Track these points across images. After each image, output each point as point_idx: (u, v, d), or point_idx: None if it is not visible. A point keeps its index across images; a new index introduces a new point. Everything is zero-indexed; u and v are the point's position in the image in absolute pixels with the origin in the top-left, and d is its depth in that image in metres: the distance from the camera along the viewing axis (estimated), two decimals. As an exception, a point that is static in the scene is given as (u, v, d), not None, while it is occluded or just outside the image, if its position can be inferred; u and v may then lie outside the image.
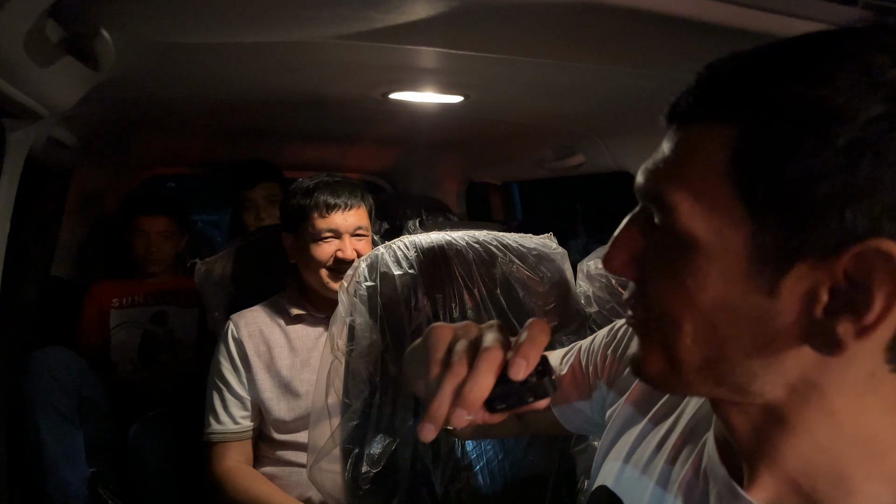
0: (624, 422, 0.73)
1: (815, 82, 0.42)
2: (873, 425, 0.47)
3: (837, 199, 0.41)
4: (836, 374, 0.46)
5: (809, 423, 0.48)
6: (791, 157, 0.42)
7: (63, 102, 1.17)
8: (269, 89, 1.52)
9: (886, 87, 0.41)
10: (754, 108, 0.44)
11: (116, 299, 2.43)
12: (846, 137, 0.41)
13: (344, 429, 1.16)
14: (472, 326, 0.63)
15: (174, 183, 5.66)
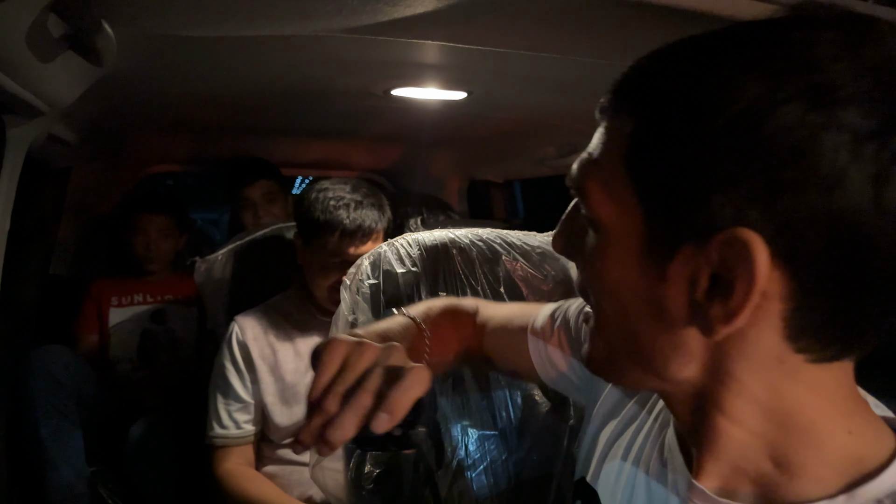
0: (605, 413, 0.74)
1: (692, 76, 0.45)
2: (806, 412, 0.49)
3: (706, 187, 0.43)
4: (742, 358, 0.48)
5: (737, 410, 0.50)
6: (669, 146, 0.45)
7: (64, 98, 1.16)
8: (270, 85, 1.51)
9: (758, 82, 0.42)
10: (645, 101, 0.47)
11: (115, 297, 2.42)
12: (713, 128, 0.43)
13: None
14: (367, 353, 0.62)
15: (172, 181, 5.64)
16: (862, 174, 0.40)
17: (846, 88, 0.41)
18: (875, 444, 0.49)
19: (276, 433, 1.64)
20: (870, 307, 0.44)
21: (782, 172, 0.41)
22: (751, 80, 0.42)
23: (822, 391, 0.48)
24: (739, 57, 0.44)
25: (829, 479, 0.48)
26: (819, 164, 0.41)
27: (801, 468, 0.49)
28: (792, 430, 0.49)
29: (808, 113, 0.41)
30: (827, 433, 0.49)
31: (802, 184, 0.41)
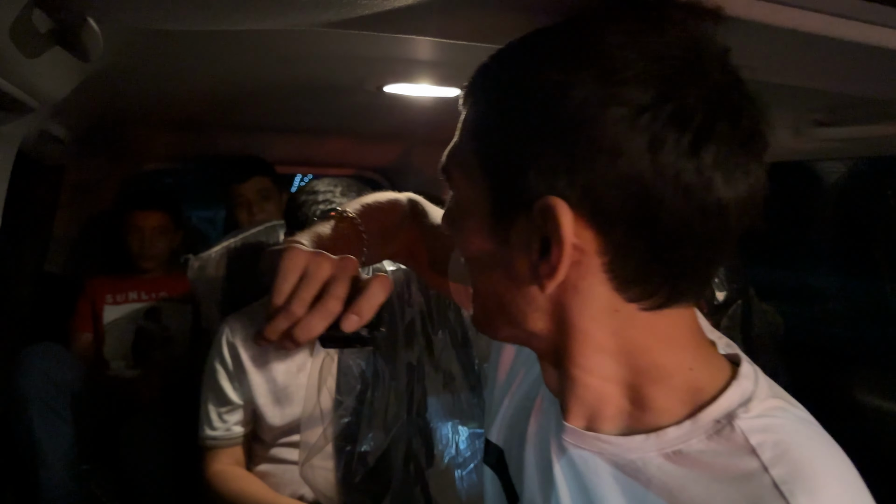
0: (505, 375, 0.82)
1: (510, 71, 0.55)
2: (649, 355, 0.56)
3: (523, 163, 0.51)
4: (581, 310, 0.55)
5: (587, 359, 0.57)
6: (497, 130, 0.54)
7: (54, 94, 1.15)
8: (262, 81, 1.50)
9: (554, 72, 0.50)
10: (482, 94, 0.57)
11: (110, 295, 2.42)
12: (524, 114, 0.52)
13: (336, 425, 1.15)
14: (325, 263, 0.67)
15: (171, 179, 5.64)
16: (640, 142, 0.47)
17: (627, 71, 0.48)
18: (714, 376, 0.57)
19: (269, 433, 1.64)
20: (675, 257, 0.51)
21: (576, 146, 0.49)
22: (550, 71, 0.50)
23: (662, 335, 0.56)
24: (544, 53, 0.53)
25: (676, 408, 0.56)
26: (604, 136, 0.48)
27: (651, 402, 0.56)
28: (639, 371, 0.56)
29: (593, 93, 0.48)
30: (669, 371, 0.56)
31: (593, 154, 0.48)
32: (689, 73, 0.49)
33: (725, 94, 0.50)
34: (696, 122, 0.47)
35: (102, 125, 2.06)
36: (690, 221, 0.49)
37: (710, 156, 0.48)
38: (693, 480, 0.52)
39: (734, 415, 0.54)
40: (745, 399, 0.55)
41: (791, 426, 0.54)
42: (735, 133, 0.49)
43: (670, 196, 0.48)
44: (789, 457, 0.51)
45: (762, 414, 0.54)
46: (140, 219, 2.42)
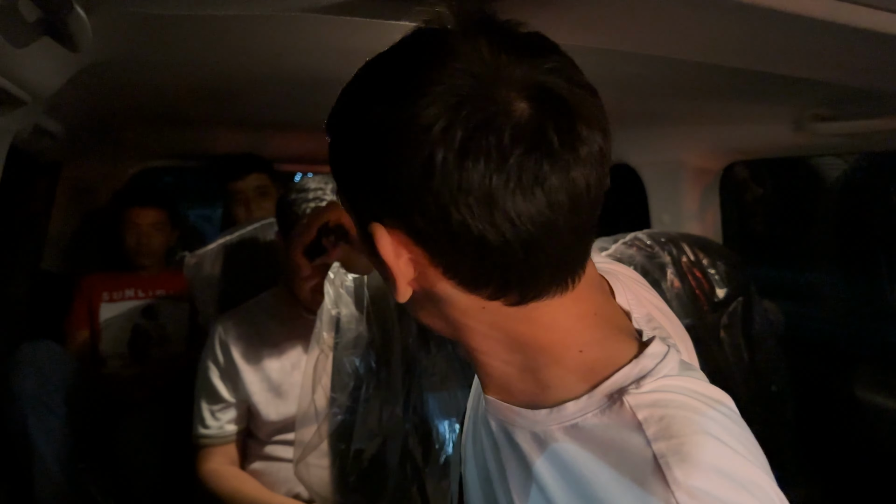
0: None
1: (337, 110, 0.60)
2: (536, 341, 0.61)
3: (354, 194, 0.59)
4: (454, 310, 0.61)
5: (482, 345, 0.63)
6: (341, 157, 0.59)
7: (45, 87, 1.14)
8: (257, 75, 1.48)
9: (362, 108, 0.56)
10: (327, 129, 0.61)
11: (106, 293, 2.41)
12: (345, 149, 0.58)
13: (331, 423, 1.14)
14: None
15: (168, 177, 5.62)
16: (419, 166, 0.51)
17: (415, 94, 0.52)
18: (610, 356, 0.60)
19: (263, 429, 1.63)
20: (497, 262, 0.55)
21: (382, 176, 0.54)
22: (358, 109, 0.57)
23: (541, 324, 0.60)
24: (357, 91, 0.59)
25: (573, 386, 0.60)
26: (397, 162, 0.53)
27: (549, 380, 0.61)
28: (532, 355, 0.61)
29: (389, 128, 0.53)
30: (559, 353, 0.61)
31: (393, 182, 0.53)
32: (468, 92, 0.51)
33: (504, 102, 0.51)
34: (458, 140, 0.50)
35: (98, 121, 2.05)
36: (484, 233, 0.52)
37: (478, 172, 0.51)
38: (585, 455, 0.56)
39: (625, 390, 0.57)
40: (640, 376, 0.58)
41: (681, 401, 0.56)
42: (514, 141, 0.51)
43: (456, 211, 0.52)
44: (671, 431, 0.53)
45: (654, 389, 0.57)
46: (137, 215, 2.42)
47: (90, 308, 2.38)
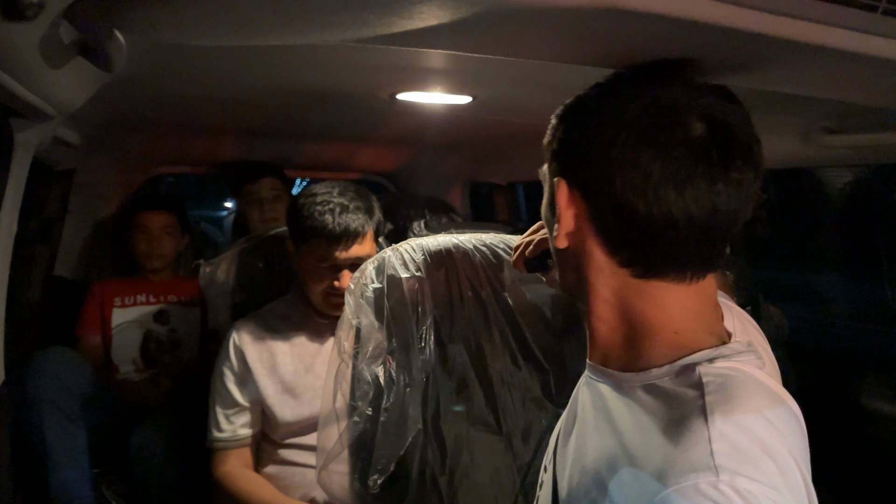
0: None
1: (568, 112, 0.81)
2: (640, 315, 0.74)
3: (557, 152, 0.78)
4: (590, 268, 0.75)
5: (598, 309, 0.76)
6: (557, 131, 0.80)
7: (72, 103, 1.17)
8: (275, 89, 1.51)
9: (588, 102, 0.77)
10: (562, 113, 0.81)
11: (118, 298, 2.43)
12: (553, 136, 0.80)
13: (351, 432, 1.16)
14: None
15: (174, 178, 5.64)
16: (604, 140, 0.69)
17: (621, 115, 0.69)
18: (696, 342, 0.72)
19: (278, 432, 1.66)
20: (632, 235, 0.70)
21: (574, 146, 0.75)
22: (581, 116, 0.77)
23: (652, 301, 0.73)
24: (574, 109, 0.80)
25: (660, 357, 0.72)
26: (597, 143, 0.71)
27: (642, 350, 0.74)
28: (633, 326, 0.74)
29: (597, 129, 0.71)
30: (658, 330, 0.73)
31: (581, 152, 0.73)
32: (664, 112, 0.68)
33: (690, 125, 0.67)
34: (640, 128, 0.68)
35: (114, 131, 2.07)
36: (634, 203, 0.68)
37: (646, 155, 0.67)
38: (652, 402, 0.69)
39: (700, 363, 0.69)
40: (716, 357, 0.70)
41: (744, 379, 0.68)
42: (670, 145, 0.67)
43: (620, 179, 0.68)
44: (725, 392, 0.65)
45: (724, 367, 0.69)
46: (147, 219, 2.44)
47: (102, 314, 2.40)
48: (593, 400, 0.80)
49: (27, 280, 2.29)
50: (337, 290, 1.59)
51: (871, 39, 0.69)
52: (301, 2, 0.53)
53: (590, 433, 0.78)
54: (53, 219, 2.44)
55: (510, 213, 3.12)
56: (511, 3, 0.56)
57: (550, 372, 1.36)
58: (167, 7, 0.59)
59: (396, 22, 0.57)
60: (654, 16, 0.60)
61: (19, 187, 1.34)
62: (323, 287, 1.61)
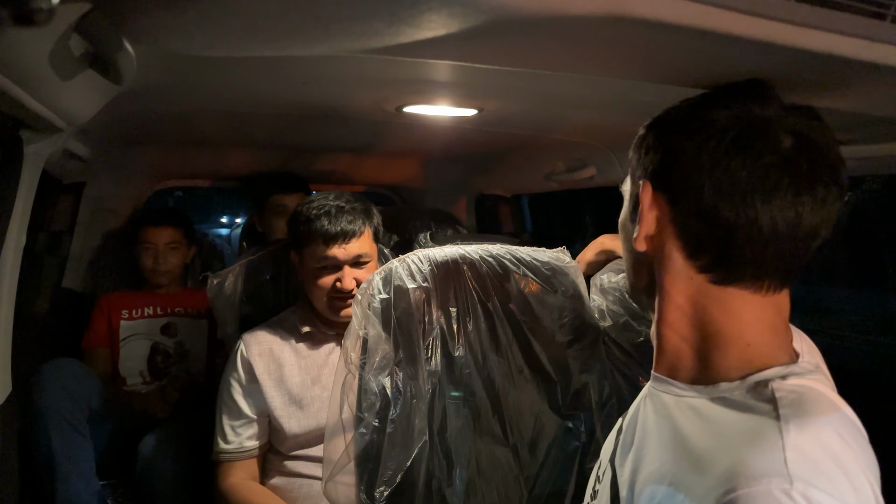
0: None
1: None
2: (714, 324, 0.74)
3: (643, 156, 0.80)
4: (666, 273, 0.77)
5: (670, 316, 0.78)
6: (648, 136, 0.81)
7: (82, 115, 1.17)
8: (282, 102, 1.52)
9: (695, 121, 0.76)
10: (652, 138, 0.81)
11: (126, 311, 2.44)
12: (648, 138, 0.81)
13: (358, 443, 1.16)
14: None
15: (182, 192, 5.67)
16: (693, 146, 0.72)
17: (709, 127, 0.72)
18: (767, 357, 0.73)
19: (285, 444, 1.65)
20: (718, 234, 0.71)
21: (662, 151, 0.77)
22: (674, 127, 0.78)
23: (727, 311, 0.74)
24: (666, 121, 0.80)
25: (731, 371, 0.73)
26: (685, 151, 0.73)
27: (712, 362, 0.74)
28: (705, 336, 0.75)
29: (686, 138, 0.74)
30: (730, 341, 0.74)
31: (670, 156, 0.75)
32: (756, 124, 0.71)
33: (780, 139, 0.70)
34: (730, 137, 0.70)
35: (123, 143, 2.08)
36: (720, 206, 0.70)
37: (736, 161, 0.69)
38: (724, 413, 0.70)
39: (773, 380, 0.69)
40: (788, 374, 0.70)
41: (816, 396, 0.68)
42: (777, 163, 0.69)
43: (709, 183, 0.70)
44: (799, 407, 0.65)
45: (796, 384, 0.69)
46: (153, 235, 2.45)
47: (110, 326, 2.41)
48: (656, 409, 0.80)
49: (36, 292, 2.30)
50: (341, 293, 1.61)
51: (880, 47, 0.69)
52: (310, 11, 0.54)
53: (652, 441, 0.79)
54: (62, 231, 2.45)
55: (515, 225, 3.11)
56: (519, 12, 0.56)
57: (557, 383, 1.35)
58: (177, 17, 0.59)
59: (404, 31, 0.57)
60: (664, 24, 0.60)
61: (28, 199, 1.35)
62: (327, 290, 1.62)
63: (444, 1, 0.52)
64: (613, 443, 0.91)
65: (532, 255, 1.44)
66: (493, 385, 1.29)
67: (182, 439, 1.94)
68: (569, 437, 1.33)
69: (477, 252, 1.38)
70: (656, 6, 0.58)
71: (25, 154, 1.25)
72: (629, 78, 0.88)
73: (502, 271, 1.37)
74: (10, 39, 0.71)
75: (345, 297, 1.61)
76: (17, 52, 0.78)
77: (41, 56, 0.78)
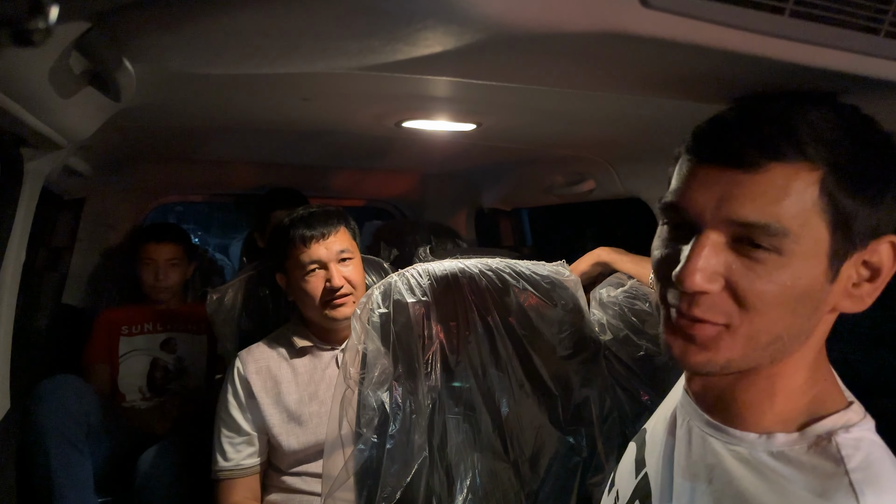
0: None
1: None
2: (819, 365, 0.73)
3: (872, 216, 0.67)
4: (825, 326, 0.72)
5: (791, 367, 0.71)
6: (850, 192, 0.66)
7: (82, 132, 1.18)
8: (282, 118, 1.53)
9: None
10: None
11: (126, 326, 2.43)
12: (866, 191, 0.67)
13: (357, 459, 1.15)
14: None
15: (182, 207, 5.68)
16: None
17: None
18: (824, 402, 0.70)
19: (284, 460, 1.65)
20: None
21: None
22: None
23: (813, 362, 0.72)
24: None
25: (787, 420, 0.70)
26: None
27: (771, 409, 0.71)
28: (749, 387, 0.72)
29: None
30: (795, 386, 0.71)
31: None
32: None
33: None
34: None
35: (123, 160, 2.09)
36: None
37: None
38: (791, 473, 0.66)
39: (835, 432, 0.66)
40: (849, 424, 0.68)
41: (879, 450, 0.66)
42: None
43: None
44: (870, 469, 0.63)
45: (859, 436, 0.66)
46: (153, 251, 2.45)
47: (109, 342, 2.41)
48: (705, 455, 0.75)
49: (35, 308, 2.30)
50: (333, 293, 1.62)
51: (874, 62, 0.69)
52: (307, 30, 0.54)
53: (704, 495, 0.74)
54: (63, 247, 2.45)
55: (515, 238, 3.12)
56: (514, 30, 0.57)
57: (558, 397, 1.35)
58: (175, 36, 0.60)
59: (401, 49, 0.58)
60: (658, 41, 0.60)
61: (28, 216, 1.35)
62: (319, 295, 1.63)
63: (440, 19, 0.52)
64: (634, 475, 0.87)
65: (531, 269, 1.44)
66: (493, 400, 1.28)
67: (181, 456, 1.93)
68: (570, 453, 1.33)
69: (476, 266, 1.38)
70: (650, 23, 0.59)
71: (26, 171, 1.26)
72: (625, 93, 0.88)
73: (502, 285, 1.37)
74: (10, 58, 0.72)
75: (339, 297, 1.62)
76: (18, 70, 0.78)
77: (41, 74, 0.79)
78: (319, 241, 1.63)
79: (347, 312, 1.61)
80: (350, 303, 1.63)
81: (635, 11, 0.58)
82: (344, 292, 1.62)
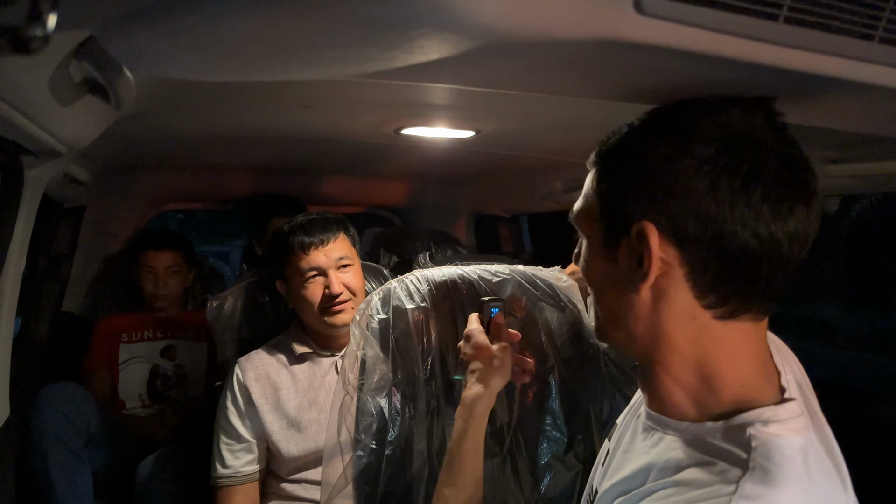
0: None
1: (624, 143, 0.76)
2: (712, 366, 0.72)
3: (626, 198, 0.72)
4: (668, 314, 0.71)
5: (668, 361, 0.74)
6: (611, 181, 0.76)
7: (82, 140, 1.19)
8: (281, 126, 1.54)
9: (652, 139, 0.71)
10: (606, 158, 0.79)
11: (126, 334, 2.43)
12: (628, 170, 0.73)
13: (356, 466, 1.15)
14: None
15: (183, 215, 5.69)
16: (703, 183, 0.66)
17: (696, 135, 0.68)
18: (755, 398, 0.71)
19: (283, 467, 1.65)
20: (741, 271, 0.68)
21: (659, 187, 0.68)
22: (647, 139, 0.72)
23: (726, 349, 0.72)
24: (643, 129, 0.75)
25: (718, 412, 0.71)
26: (678, 179, 0.67)
27: (703, 405, 0.73)
28: (701, 379, 0.73)
29: (671, 151, 0.68)
30: (724, 383, 0.72)
31: (672, 192, 0.68)
32: (743, 138, 0.68)
33: (771, 152, 0.68)
34: (743, 170, 0.66)
35: (123, 168, 2.10)
36: (747, 244, 0.66)
37: (757, 194, 0.65)
38: (689, 453, 0.70)
39: (752, 425, 0.68)
40: (771, 420, 0.69)
41: (790, 450, 0.66)
42: (779, 178, 0.66)
43: (730, 224, 0.66)
44: (768, 463, 0.64)
45: (776, 431, 0.67)
46: (153, 259, 2.45)
47: (109, 349, 2.41)
48: (646, 442, 0.79)
49: (36, 315, 2.30)
50: (332, 299, 1.63)
51: (868, 67, 0.69)
52: (304, 38, 0.54)
53: (621, 458, 0.81)
54: (63, 255, 2.45)
55: (514, 244, 3.12)
56: (511, 37, 0.57)
57: (558, 403, 1.35)
58: (173, 44, 0.60)
59: (398, 57, 0.58)
60: (654, 48, 0.60)
61: (29, 224, 1.36)
62: (318, 301, 1.63)
63: (435, 27, 0.52)
64: (604, 466, 0.91)
65: (530, 274, 1.44)
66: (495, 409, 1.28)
67: (180, 463, 1.93)
68: (570, 458, 1.33)
69: (475, 272, 1.39)
70: (646, 30, 0.59)
71: (26, 178, 1.27)
72: (622, 100, 0.88)
73: (501, 291, 1.37)
74: (10, 66, 0.73)
75: (339, 304, 1.63)
76: (18, 78, 0.79)
77: (41, 82, 0.80)
78: (318, 247, 1.64)
79: (346, 319, 1.61)
80: (349, 309, 1.63)
81: (630, 18, 0.58)
82: (343, 299, 1.63)
